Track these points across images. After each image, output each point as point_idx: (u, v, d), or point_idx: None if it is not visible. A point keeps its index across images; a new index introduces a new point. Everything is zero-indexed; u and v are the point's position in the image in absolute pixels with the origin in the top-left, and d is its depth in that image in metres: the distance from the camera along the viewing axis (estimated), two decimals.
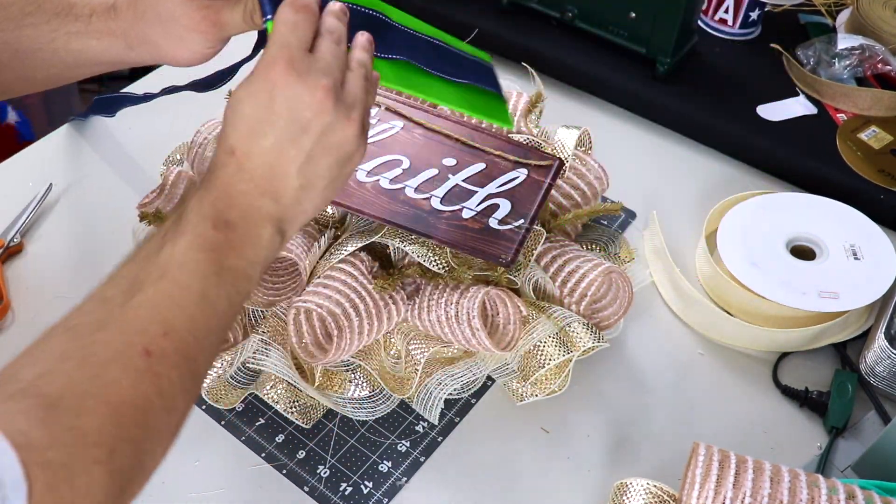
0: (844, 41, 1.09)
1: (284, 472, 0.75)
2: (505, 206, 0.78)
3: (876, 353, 0.79)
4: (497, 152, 0.80)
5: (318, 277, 0.77)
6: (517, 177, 0.80)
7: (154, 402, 0.45)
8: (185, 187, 0.83)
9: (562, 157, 0.83)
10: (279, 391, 0.77)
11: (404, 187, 0.78)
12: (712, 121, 1.06)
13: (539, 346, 0.77)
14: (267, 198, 0.52)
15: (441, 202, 0.78)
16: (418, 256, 0.77)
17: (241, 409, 0.79)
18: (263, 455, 0.76)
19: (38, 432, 0.40)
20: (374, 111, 0.80)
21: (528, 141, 0.85)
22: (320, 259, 0.79)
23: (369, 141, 0.75)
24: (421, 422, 0.78)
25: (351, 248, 0.77)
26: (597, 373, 0.83)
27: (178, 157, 0.93)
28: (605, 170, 0.90)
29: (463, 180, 0.79)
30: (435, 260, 0.77)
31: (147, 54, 0.69)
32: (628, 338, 0.86)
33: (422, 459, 0.76)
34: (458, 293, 0.77)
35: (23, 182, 0.97)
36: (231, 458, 0.75)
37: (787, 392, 0.81)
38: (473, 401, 0.80)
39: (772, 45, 1.14)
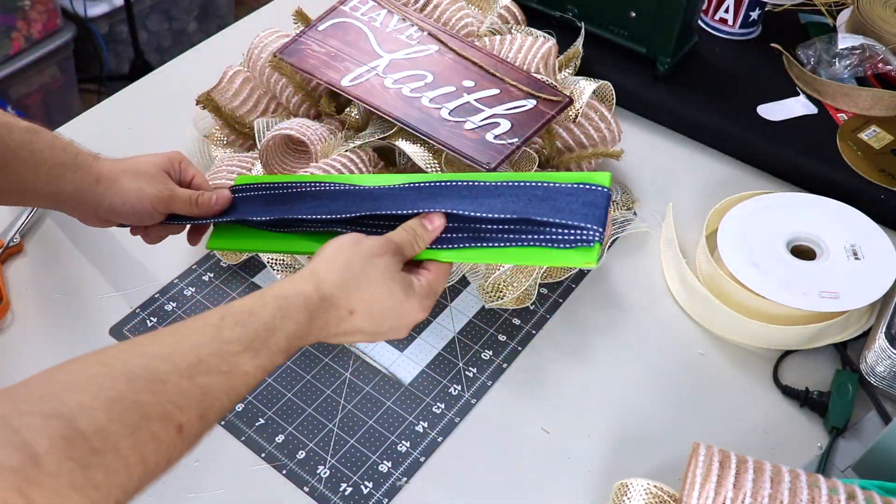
0: (845, 41, 1.09)
1: (284, 472, 0.75)
2: (504, 126, 0.86)
3: (876, 353, 0.79)
4: (513, 82, 0.89)
5: (326, 159, 0.87)
6: (525, 105, 0.88)
7: (160, 468, 0.49)
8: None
9: (574, 99, 0.91)
10: (275, 254, 0.85)
11: (422, 97, 0.88)
12: (712, 121, 1.06)
13: None
14: (335, 338, 0.62)
15: (450, 113, 0.86)
16: (417, 155, 0.84)
17: (240, 409, 0.79)
18: (263, 455, 0.76)
19: (50, 459, 0.42)
20: (416, 34, 0.94)
21: (548, 82, 0.91)
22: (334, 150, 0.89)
23: (404, 56, 0.92)
24: (421, 422, 0.78)
25: (359, 143, 0.88)
26: (597, 372, 0.83)
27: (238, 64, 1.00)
28: (619, 125, 0.95)
29: (475, 100, 0.88)
30: (430, 160, 0.85)
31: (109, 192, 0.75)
32: (632, 332, 0.86)
33: (422, 459, 0.76)
34: None
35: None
36: (231, 458, 0.75)
37: (788, 392, 0.81)
38: (473, 401, 0.80)
39: (772, 44, 1.14)
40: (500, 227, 0.66)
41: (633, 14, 1.06)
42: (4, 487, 0.41)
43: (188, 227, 0.81)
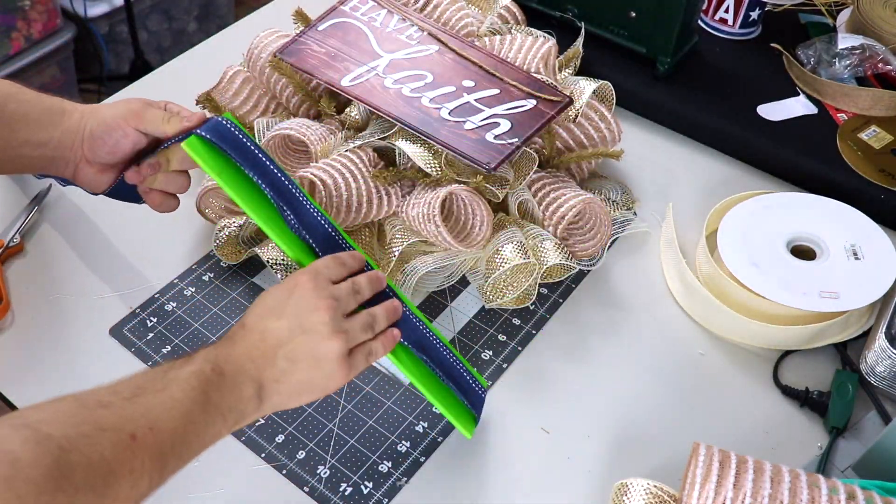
0: (845, 41, 1.09)
1: (284, 472, 0.75)
2: (504, 125, 0.86)
3: (876, 353, 0.79)
4: (513, 83, 0.89)
5: (326, 159, 0.87)
6: (525, 105, 0.88)
7: (124, 472, 0.53)
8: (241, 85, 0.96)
9: (574, 99, 0.91)
10: (275, 254, 0.85)
11: (422, 97, 0.88)
12: (712, 121, 1.06)
13: (499, 249, 0.84)
14: (254, 364, 0.63)
15: (450, 113, 0.87)
16: (417, 155, 0.85)
17: None
18: (263, 455, 0.76)
19: (27, 455, 0.49)
20: (416, 34, 0.94)
21: (548, 82, 0.92)
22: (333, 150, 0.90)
23: (404, 56, 0.92)
24: (421, 422, 0.78)
25: (359, 143, 0.88)
26: (597, 372, 0.83)
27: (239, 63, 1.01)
28: (619, 125, 0.95)
29: (475, 100, 0.88)
30: (430, 160, 0.85)
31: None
32: (632, 332, 0.86)
33: (422, 459, 0.76)
34: (433, 191, 0.85)
35: (23, 182, 0.97)
36: (231, 458, 0.75)
37: (788, 392, 0.81)
38: None
39: (772, 44, 1.14)
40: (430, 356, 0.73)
41: (633, 14, 1.06)
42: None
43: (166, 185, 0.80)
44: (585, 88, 0.93)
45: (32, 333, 0.84)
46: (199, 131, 0.69)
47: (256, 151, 0.70)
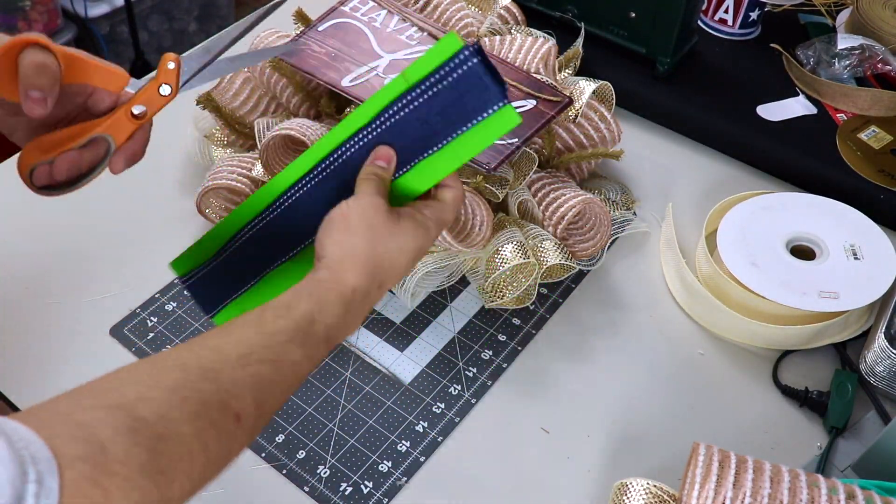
0: (844, 41, 1.09)
1: (284, 472, 0.75)
2: None
3: (876, 353, 0.79)
4: (513, 83, 0.89)
5: None
6: (525, 105, 0.87)
7: (221, 458, 0.50)
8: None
9: (574, 99, 0.91)
10: None
11: None
12: (712, 121, 1.06)
13: (499, 249, 0.84)
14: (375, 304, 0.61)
15: None
16: None
17: None
18: (263, 455, 0.76)
19: (117, 447, 0.44)
20: (416, 35, 0.93)
21: (548, 82, 0.91)
22: None
23: (405, 57, 0.91)
24: (421, 422, 0.79)
25: None
26: (597, 372, 0.83)
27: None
28: (619, 125, 0.95)
29: None
30: None
31: None
32: (632, 332, 0.86)
33: (422, 459, 0.76)
34: None
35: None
36: None
37: (787, 392, 0.81)
38: (473, 401, 0.80)
39: (772, 45, 1.14)
40: (427, 132, 0.62)
41: (633, 14, 1.06)
42: (77, 478, 0.41)
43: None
44: (585, 88, 0.93)
45: (32, 333, 0.84)
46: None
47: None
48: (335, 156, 0.64)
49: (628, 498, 0.66)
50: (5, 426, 0.41)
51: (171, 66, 0.62)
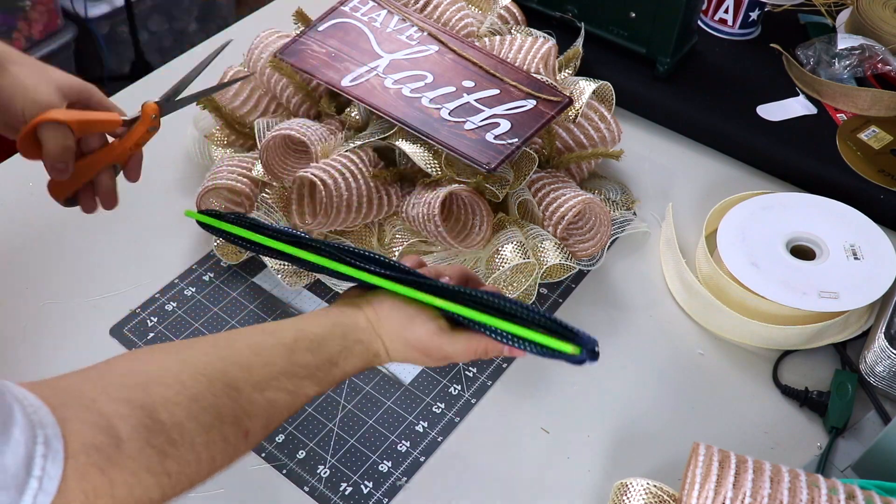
0: (844, 41, 1.09)
1: (284, 472, 0.75)
2: (504, 126, 0.86)
3: (876, 353, 0.79)
4: (513, 83, 0.89)
5: (326, 159, 0.87)
6: (525, 105, 0.88)
7: (223, 466, 0.53)
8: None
9: (574, 99, 0.91)
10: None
11: (422, 97, 0.88)
12: (712, 121, 1.06)
13: (499, 249, 0.85)
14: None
15: (450, 114, 0.87)
16: (417, 155, 0.85)
17: None
18: (263, 455, 0.76)
19: (132, 444, 0.47)
20: (416, 35, 0.94)
21: (548, 82, 0.91)
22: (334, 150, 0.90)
23: (404, 57, 0.92)
24: (421, 422, 0.79)
25: (360, 143, 0.88)
26: (597, 372, 0.83)
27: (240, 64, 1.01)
28: (619, 125, 0.95)
29: (475, 100, 0.88)
30: (430, 160, 0.85)
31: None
32: (632, 332, 0.86)
33: (422, 459, 0.76)
34: (433, 191, 0.85)
35: (23, 182, 0.97)
36: None
37: (788, 392, 0.81)
38: (473, 401, 0.80)
39: (772, 45, 1.14)
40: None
41: (633, 14, 1.06)
42: (88, 463, 0.45)
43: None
44: (585, 88, 0.93)
45: (33, 334, 0.84)
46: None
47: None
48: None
49: (628, 498, 0.66)
50: (25, 400, 0.45)
51: (154, 116, 0.75)
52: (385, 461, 0.76)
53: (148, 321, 0.85)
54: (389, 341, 0.63)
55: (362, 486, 0.74)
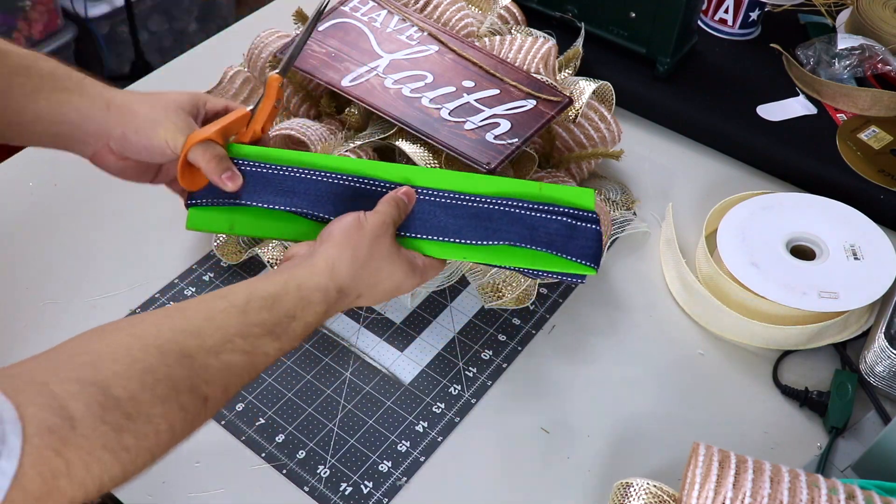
0: (844, 41, 1.09)
1: (284, 472, 0.75)
2: (504, 126, 0.86)
3: (876, 353, 0.79)
4: (513, 83, 0.89)
5: None
6: (525, 105, 0.88)
7: (185, 434, 0.53)
8: None
9: (574, 99, 0.91)
10: (275, 253, 0.85)
11: (421, 97, 0.88)
12: (712, 121, 1.06)
13: None
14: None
15: (450, 114, 0.87)
16: (417, 154, 0.85)
17: (241, 409, 0.79)
18: (263, 455, 0.76)
19: (85, 422, 0.46)
20: (416, 35, 0.94)
21: (548, 82, 0.91)
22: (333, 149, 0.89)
23: (404, 57, 0.92)
24: (421, 422, 0.79)
25: (359, 143, 0.88)
26: (597, 372, 0.83)
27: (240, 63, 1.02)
28: (619, 125, 0.95)
29: (475, 100, 0.88)
30: (430, 160, 0.85)
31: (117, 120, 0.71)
32: (632, 332, 0.86)
33: (422, 459, 0.76)
34: None
35: (23, 182, 0.97)
36: (231, 458, 0.75)
37: (788, 392, 0.81)
38: (473, 401, 0.80)
39: (772, 45, 1.14)
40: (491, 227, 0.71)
41: (633, 14, 1.06)
42: (42, 446, 0.44)
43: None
44: (585, 88, 0.93)
45: (33, 334, 0.84)
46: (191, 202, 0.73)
47: (245, 167, 0.72)
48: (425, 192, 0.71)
49: (628, 498, 0.66)
50: None
51: (280, 86, 0.74)
52: (385, 461, 0.76)
53: None
54: (348, 265, 0.63)
55: (362, 486, 0.74)
